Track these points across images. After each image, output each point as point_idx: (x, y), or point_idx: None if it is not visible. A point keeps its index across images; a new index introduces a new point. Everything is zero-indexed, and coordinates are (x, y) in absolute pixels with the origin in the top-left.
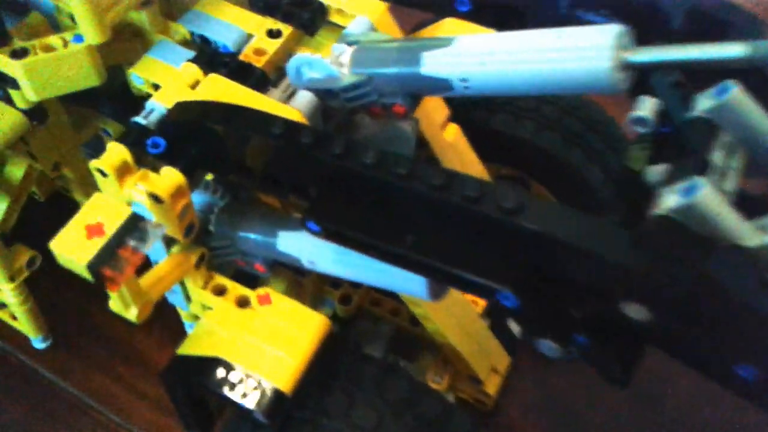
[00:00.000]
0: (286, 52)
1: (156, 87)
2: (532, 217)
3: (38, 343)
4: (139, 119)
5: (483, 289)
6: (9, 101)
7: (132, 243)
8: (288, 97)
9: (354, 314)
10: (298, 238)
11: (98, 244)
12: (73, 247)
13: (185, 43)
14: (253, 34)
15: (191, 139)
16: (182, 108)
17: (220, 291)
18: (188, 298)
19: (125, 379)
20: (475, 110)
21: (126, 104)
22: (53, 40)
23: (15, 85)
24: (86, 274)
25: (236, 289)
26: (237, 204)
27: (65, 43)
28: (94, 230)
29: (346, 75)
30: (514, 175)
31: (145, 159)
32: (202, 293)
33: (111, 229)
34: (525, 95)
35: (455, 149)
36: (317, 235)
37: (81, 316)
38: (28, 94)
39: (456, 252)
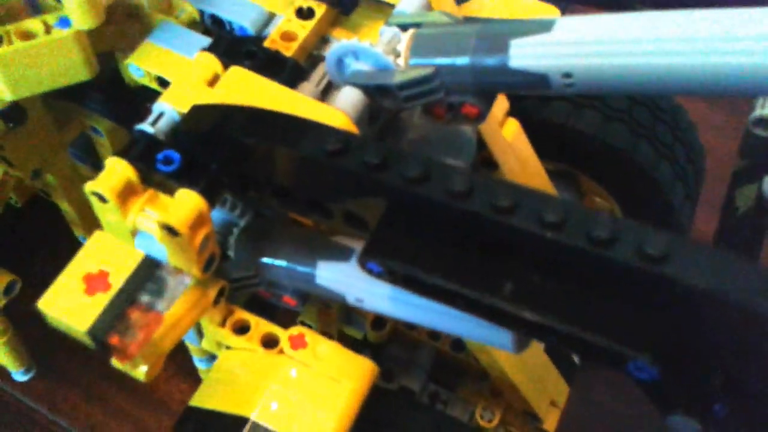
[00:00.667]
0: (319, 36)
1: (161, 81)
2: (685, 266)
3: (20, 376)
4: (144, 127)
5: (610, 357)
6: None
7: (145, 299)
8: (323, 92)
9: (387, 339)
10: (344, 271)
11: (102, 302)
12: (69, 308)
13: (193, 25)
14: (277, 13)
15: (212, 151)
16: (201, 113)
17: (243, 328)
18: (200, 333)
19: (122, 410)
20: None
21: (119, 97)
22: (33, 24)
23: None
24: (87, 342)
25: (262, 326)
26: (261, 222)
27: (48, 29)
28: (95, 283)
29: (403, 67)
30: (559, 171)
31: (152, 176)
32: (220, 331)
33: (118, 280)
34: (654, 94)
35: (515, 150)
36: (380, 278)
37: (69, 339)
38: (2, 92)
39: (574, 307)
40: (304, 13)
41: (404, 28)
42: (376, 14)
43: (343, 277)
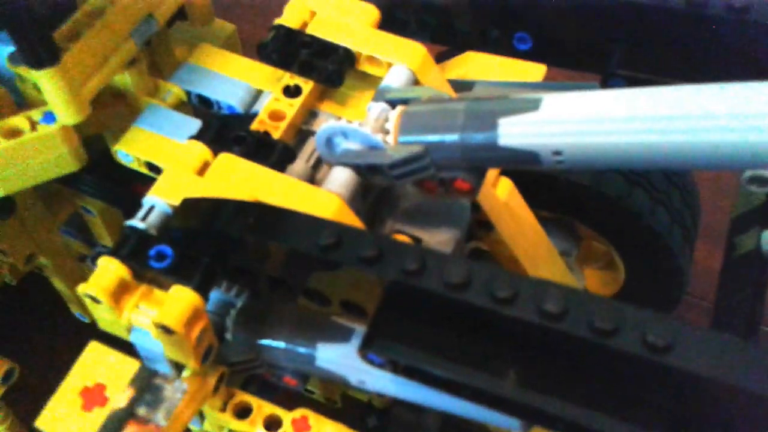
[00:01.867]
0: (307, 111)
1: (150, 166)
2: (688, 354)
3: None
4: (135, 223)
5: None
6: None
7: (143, 411)
8: (313, 168)
9: (392, 402)
10: (345, 353)
11: (99, 418)
12: (67, 427)
13: (180, 106)
14: (264, 89)
15: (204, 245)
16: (192, 208)
17: (244, 410)
18: (201, 416)
19: None
20: None
21: (109, 177)
22: (18, 121)
23: None
24: None
25: (264, 408)
26: (258, 303)
27: (33, 125)
28: (92, 397)
29: (393, 146)
30: (555, 218)
31: (144, 272)
32: (221, 416)
33: (114, 393)
34: (648, 169)
35: (510, 209)
36: (381, 368)
37: None
38: None
39: (579, 396)
40: (292, 91)
41: (392, 103)
42: (363, 84)
43: (344, 360)
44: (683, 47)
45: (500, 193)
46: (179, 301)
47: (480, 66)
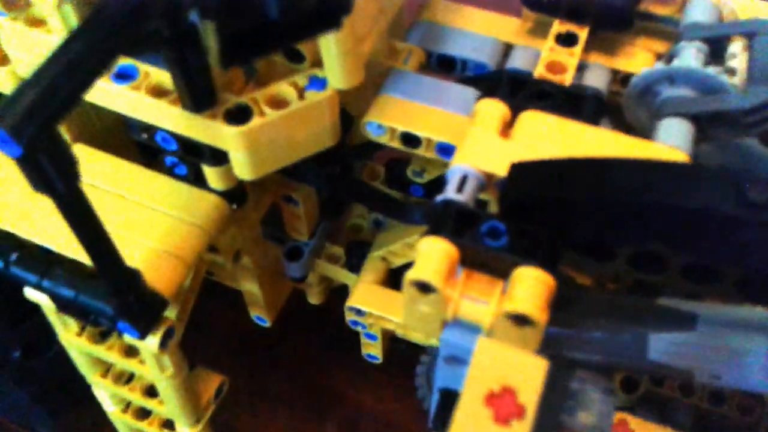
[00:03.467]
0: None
1: (407, 138)
2: None
3: None
4: (450, 195)
5: None
6: (198, 179)
7: (566, 418)
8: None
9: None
10: (691, 342)
11: (522, 430)
12: None
13: (421, 70)
14: (512, 42)
15: (545, 217)
16: (524, 174)
17: None
18: None
19: None
20: None
21: (328, 160)
22: (283, 89)
23: (218, 159)
24: None
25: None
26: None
27: (300, 93)
28: (503, 406)
29: (742, 87)
30: None
31: (478, 254)
32: None
33: (530, 399)
34: None
35: None
36: None
37: None
38: (241, 171)
39: None
40: (566, 38)
41: (709, 41)
42: (627, 37)
43: (691, 350)
44: None
45: None
46: (536, 285)
47: None
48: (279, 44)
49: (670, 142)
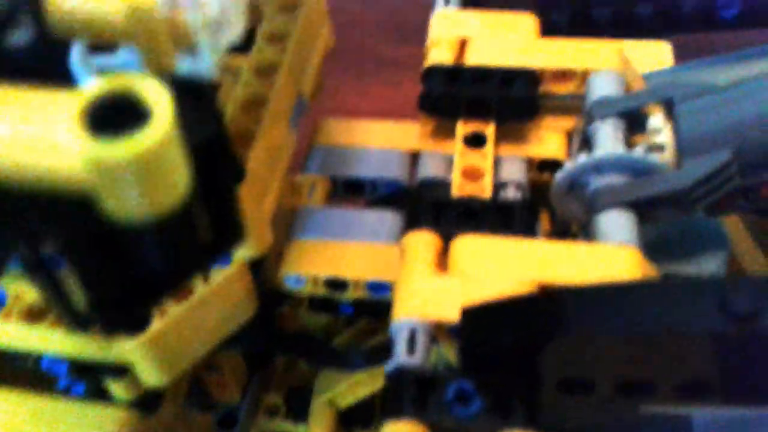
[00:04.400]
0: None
1: (333, 284)
2: None
3: None
4: (402, 360)
5: None
6: (100, 392)
7: None
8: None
9: None
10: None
11: None
12: None
13: (329, 199)
14: (418, 149)
15: (515, 364)
16: (483, 318)
17: None
18: None
19: None
20: None
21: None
22: None
23: (119, 372)
24: None
25: None
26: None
27: (204, 275)
28: None
29: (673, 163)
30: None
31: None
32: None
33: None
34: None
35: None
36: None
37: None
38: (149, 378)
39: None
40: (473, 140)
41: (624, 116)
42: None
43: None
44: None
45: None
46: None
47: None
48: (166, 291)
49: (617, 239)
